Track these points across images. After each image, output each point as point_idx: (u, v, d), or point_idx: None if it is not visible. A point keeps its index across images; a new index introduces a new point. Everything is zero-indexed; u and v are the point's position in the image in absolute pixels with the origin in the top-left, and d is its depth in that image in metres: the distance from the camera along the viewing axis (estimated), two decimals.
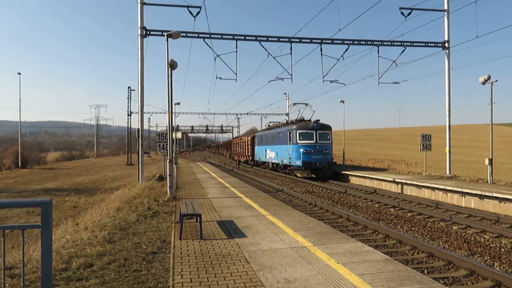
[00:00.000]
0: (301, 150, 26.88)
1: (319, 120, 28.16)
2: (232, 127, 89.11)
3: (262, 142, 38.74)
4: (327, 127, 28.27)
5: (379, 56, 23.19)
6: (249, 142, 45.96)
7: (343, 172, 27.30)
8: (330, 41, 22.40)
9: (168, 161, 14.92)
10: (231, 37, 21.31)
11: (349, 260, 6.31)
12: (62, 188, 29.20)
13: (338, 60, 23.10)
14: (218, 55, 21.81)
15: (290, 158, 28.74)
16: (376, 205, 15.81)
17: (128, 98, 55.13)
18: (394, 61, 23.65)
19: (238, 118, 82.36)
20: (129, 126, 57.86)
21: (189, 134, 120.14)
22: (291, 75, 23.68)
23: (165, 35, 14.72)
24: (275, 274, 5.65)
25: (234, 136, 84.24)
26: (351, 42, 22.49)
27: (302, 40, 22.23)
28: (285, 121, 35.84)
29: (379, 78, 23.88)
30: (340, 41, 22.46)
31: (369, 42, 22.88)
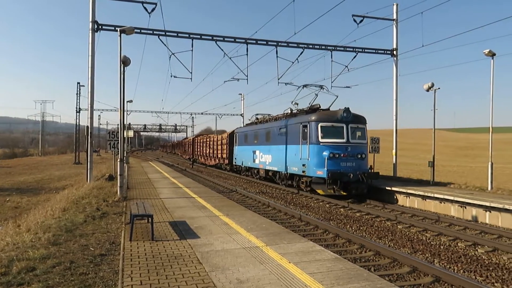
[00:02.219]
0: (326, 153, 17.26)
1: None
2: (186, 126, 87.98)
3: (248, 141, 28.36)
4: (362, 119, 18.69)
5: (332, 61, 23.85)
6: (224, 141, 35.91)
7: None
8: (285, 44, 22.73)
9: (119, 160, 14.47)
10: (187, 35, 21.04)
11: (300, 259, 6.44)
12: (3, 188, 27.41)
13: (293, 63, 23.42)
14: (173, 53, 21.46)
15: (304, 165, 18.49)
16: (327, 205, 16.24)
17: (77, 94, 52.80)
18: (346, 66, 24.41)
19: (193, 117, 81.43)
20: (77, 123, 55.42)
21: (142, 133, 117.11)
22: (247, 76, 23.75)
23: (118, 30, 14.28)
24: (228, 274, 5.65)
25: (187, 135, 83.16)
26: (305, 46, 22.95)
27: (258, 42, 22.39)
28: (290, 111, 23.09)
29: (332, 82, 24.54)
30: (295, 45, 22.86)
31: (323, 47, 23.46)
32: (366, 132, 18.78)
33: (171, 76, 22.96)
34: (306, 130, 18.46)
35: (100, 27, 19.71)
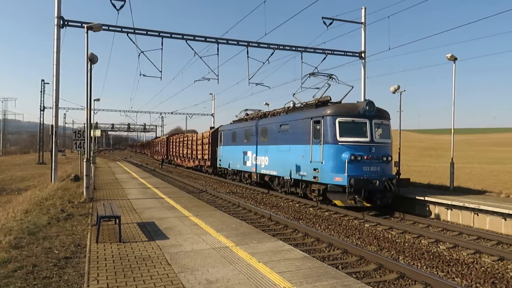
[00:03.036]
0: (345, 155, 14.06)
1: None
2: (156, 126, 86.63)
3: (236, 140, 24.64)
4: (386, 114, 15.52)
5: (302, 62, 24.12)
6: (206, 141, 31.82)
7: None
8: (256, 44, 22.80)
9: (85, 160, 14.09)
10: (157, 33, 20.74)
11: (270, 258, 6.49)
12: None
13: (263, 63, 23.55)
14: (142, 52, 21.08)
15: (316, 169, 15.09)
16: (297, 205, 16.42)
17: (41, 91, 50.95)
18: (316, 68, 24.75)
19: (162, 117, 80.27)
20: (41, 122, 53.46)
21: (109, 132, 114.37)
22: (218, 75, 23.65)
23: (85, 27, 13.91)
24: (197, 275, 5.63)
25: (157, 135, 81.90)
26: (276, 46, 23.10)
27: (229, 42, 22.35)
28: (292, 104, 19.61)
29: (302, 83, 24.83)
30: (266, 45, 22.97)
31: (293, 48, 23.68)
32: (390, 130, 15.63)
33: (140, 74, 22.54)
34: (318, 127, 15.01)
35: (66, 23, 19.11)
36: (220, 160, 27.86)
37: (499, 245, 10.14)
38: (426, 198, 14.45)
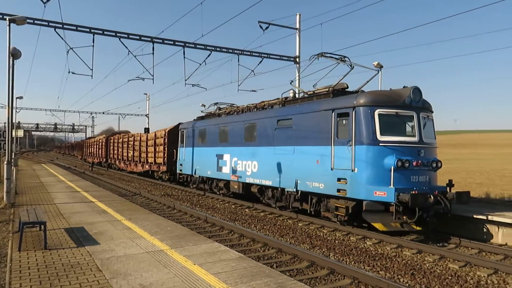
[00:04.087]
0: (389, 160, 10.53)
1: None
2: (86, 126, 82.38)
3: (208, 140, 19.71)
4: (430, 106, 11.99)
5: (239, 65, 24.34)
6: (160, 141, 27.03)
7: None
8: (193, 45, 22.60)
9: (5, 162, 13.05)
10: (88, 30, 19.76)
11: (205, 260, 6.50)
12: None
13: (200, 64, 23.41)
14: (71, 48, 19.98)
15: (342, 179, 11.21)
16: (233, 206, 16.53)
17: None
18: (252, 70, 25.12)
19: (93, 117, 76.44)
20: None
21: (34, 133, 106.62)
22: (153, 75, 23.09)
23: (7, 19, 12.91)
24: (130, 280, 5.49)
25: (87, 135, 77.84)
26: (213, 48, 23.08)
27: (165, 42, 21.92)
28: (293, 94, 16.02)
29: (238, 85, 25.03)
30: (203, 47, 22.85)
31: (230, 50, 23.82)
32: (434, 127, 12.12)
33: (69, 72, 21.35)
34: (345, 122, 11.28)
35: None
36: (181, 165, 22.88)
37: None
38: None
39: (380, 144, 10.62)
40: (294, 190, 13.08)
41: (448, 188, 11.15)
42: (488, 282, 7.42)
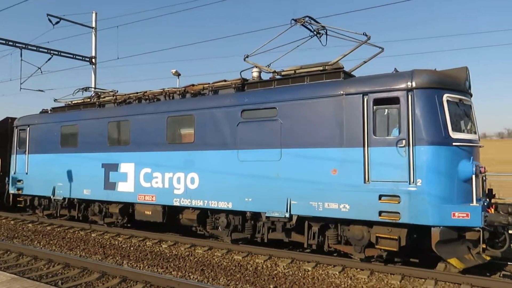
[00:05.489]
0: (466, 167, 7.56)
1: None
2: None
3: (83, 142, 12.98)
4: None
5: (22, 60, 21.28)
6: None
7: None
8: None
9: None
10: None
11: None
12: None
13: None
14: None
15: (393, 197, 7.60)
16: (12, 222, 14.31)
17: None
18: (39, 68, 22.36)
19: None
20: None
21: None
22: None
23: None
24: None
25: None
26: None
27: None
28: (257, 75, 10.59)
29: (21, 84, 21.85)
30: None
31: (11, 43, 20.61)
32: None
33: None
34: (390, 112, 7.97)
35: None
36: (20, 181, 14.96)
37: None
38: None
39: (454, 143, 7.62)
40: (286, 215, 8.78)
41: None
42: (263, 267, 8.59)
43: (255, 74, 10.52)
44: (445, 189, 7.42)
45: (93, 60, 23.64)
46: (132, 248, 10.32)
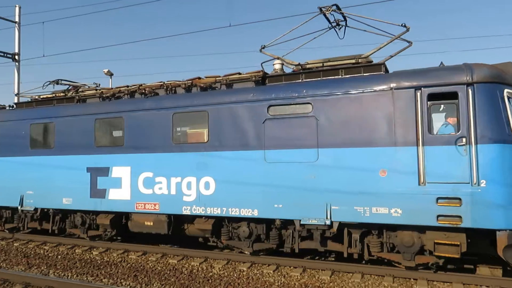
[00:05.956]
0: None
1: None
2: None
3: (61, 143, 10.89)
4: None
5: None
6: None
7: None
8: None
9: None
10: None
11: None
12: None
13: None
14: None
15: (454, 200, 7.14)
16: None
17: None
18: None
19: None
20: None
21: None
22: None
23: None
24: None
25: None
26: None
27: None
28: (280, 67, 9.51)
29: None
30: None
31: None
32: None
33: None
34: (447, 107, 7.79)
35: None
36: None
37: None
38: None
39: None
40: (326, 222, 7.92)
41: None
42: (198, 270, 8.57)
43: (278, 67, 9.51)
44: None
45: (16, 57, 22.07)
46: (59, 257, 9.75)
